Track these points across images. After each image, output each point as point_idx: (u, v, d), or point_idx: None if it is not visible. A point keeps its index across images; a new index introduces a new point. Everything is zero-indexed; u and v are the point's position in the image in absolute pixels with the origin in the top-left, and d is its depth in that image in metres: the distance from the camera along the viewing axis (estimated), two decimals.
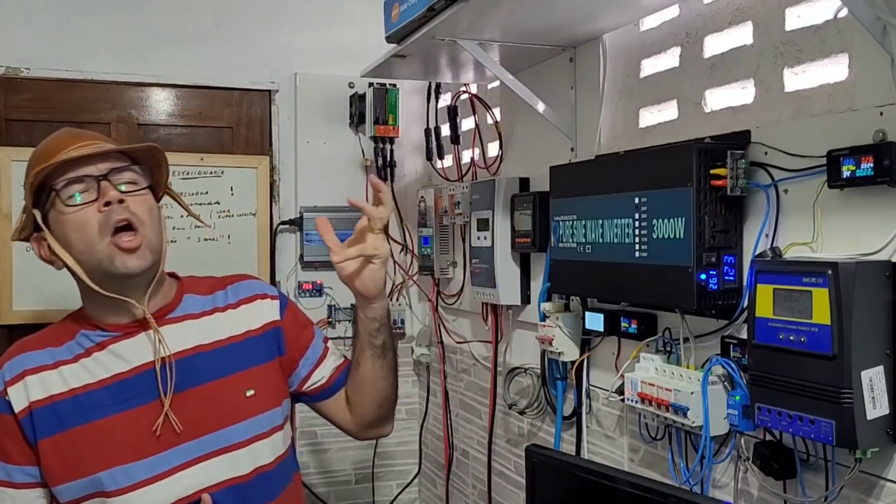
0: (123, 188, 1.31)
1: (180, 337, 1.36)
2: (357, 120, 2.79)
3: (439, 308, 2.67)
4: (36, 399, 1.28)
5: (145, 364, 1.32)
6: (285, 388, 1.46)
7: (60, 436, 1.28)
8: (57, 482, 1.28)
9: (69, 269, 1.31)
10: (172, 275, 1.47)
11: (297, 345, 1.48)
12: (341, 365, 1.53)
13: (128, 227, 1.28)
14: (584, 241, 1.60)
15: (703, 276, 1.31)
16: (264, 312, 1.45)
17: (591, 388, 1.81)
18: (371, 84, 2.73)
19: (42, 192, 1.31)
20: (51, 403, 1.28)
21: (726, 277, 1.33)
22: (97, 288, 1.29)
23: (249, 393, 1.37)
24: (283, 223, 2.77)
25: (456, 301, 2.51)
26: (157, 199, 1.41)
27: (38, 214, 1.32)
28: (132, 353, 1.32)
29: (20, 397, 1.28)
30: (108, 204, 1.27)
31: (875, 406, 1.08)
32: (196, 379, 1.34)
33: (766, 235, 1.29)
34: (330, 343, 1.56)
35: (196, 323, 1.39)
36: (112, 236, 1.26)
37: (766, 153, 1.30)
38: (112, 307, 1.32)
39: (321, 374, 1.50)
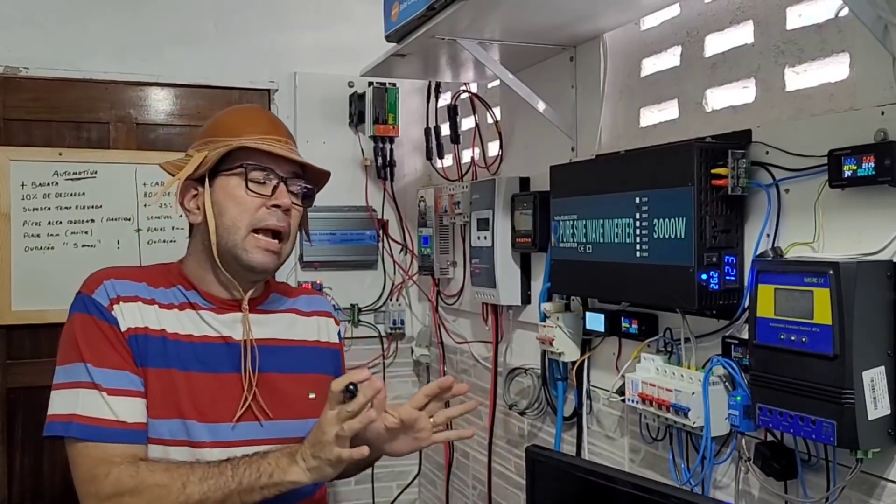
0: (294, 199, 1.38)
1: (264, 326, 1.42)
2: (357, 119, 2.79)
3: (439, 308, 2.67)
4: (131, 326, 1.32)
5: (232, 338, 1.37)
6: None
7: (142, 369, 1.31)
8: None
9: (202, 231, 1.36)
10: None
11: (343, 369, 1.56)
12: None
13: (276, 234, 1.35)
14: (584, 240, 1.60)
15: (704, 276, 1.31)
16: (330, 330, 1.54)
17: (591, 388, 1.81)
18: (371, 83, 2.73)
19: (226, 158, 1.35)
20: (143, 335, 1.32)
21: (727, 277, 1.33)
22: (217, 260, 1.35)
23: (312, 395, 1.42)
24: None
25: (456, 301, 2.50)
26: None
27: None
28: (221, 325, 1.37)
29: (121, 318, 1.31)
30: (276, 206, 1.34)
31: (876, 406, 1.07)
32: (271, 366, 1.39)
33: (768, 235, 1.29)
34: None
35: (279, 317, 1.46)
36: (257, 233, 1.33)
37: (767, 153, 1.30)
38: (217, 281, 1.38)
39: None
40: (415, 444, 1.38)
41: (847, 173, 1.12)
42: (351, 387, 1.20)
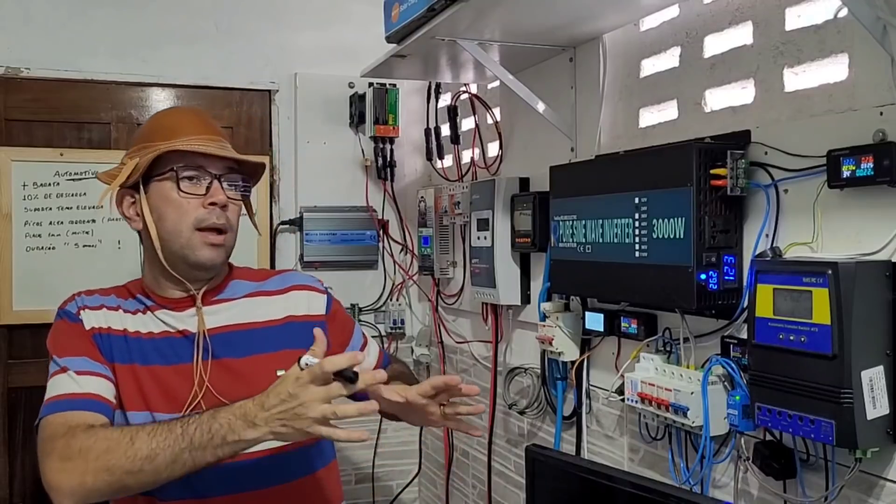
0: (230, 194, 1.41)
1: (221, 314, 1.45)
2: (357, 120, 2.79)
3: (439, 308, 2.67)
4: (94, 326, 1.39)
5: (188, 331, 1.42)
6: None
7: (110, 364, 1.37)
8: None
9: (146, 237, 1.40)
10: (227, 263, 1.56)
11: (339, 339, 1.56)
12: (382, 352, 1.69)
13: (219, 229, 1.39)
14: (584, 240, 1.60)
15: (703, 276, 1.31)
16: (311, 304, 1.54)
17: (591, 388, 1.81)
18: (371, 84, 2.73)
19: (158, 162, 1.38)
20: (106, 333, 1.39)
21: (726, 277, 1.33)
22: (165, 263, 1.39)
23: (280, 372, 1.40)
24: (283, 223, 2.77)
25: (456, 301, 2.51)
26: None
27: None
28: (177, 322, 1.42)
29: (86, 319, 1.39)
30: (213, 204, 1.37)
31: (875, 406, 1.08)
32: (230, 352, 1.42)
33: (767, 235, 1.29)
34: (368, 336, 1.68)
35: (237, 303, 1.48)
36: (201, 231, 1.37)
37: (766, 153, 1.30)
38: (169, 282, 1.42)
39: (368, 362, 1.60)
40: (426, 421, 1.40)
41: (846, 174, 1.12)
42: (350, 373, 1.12)
